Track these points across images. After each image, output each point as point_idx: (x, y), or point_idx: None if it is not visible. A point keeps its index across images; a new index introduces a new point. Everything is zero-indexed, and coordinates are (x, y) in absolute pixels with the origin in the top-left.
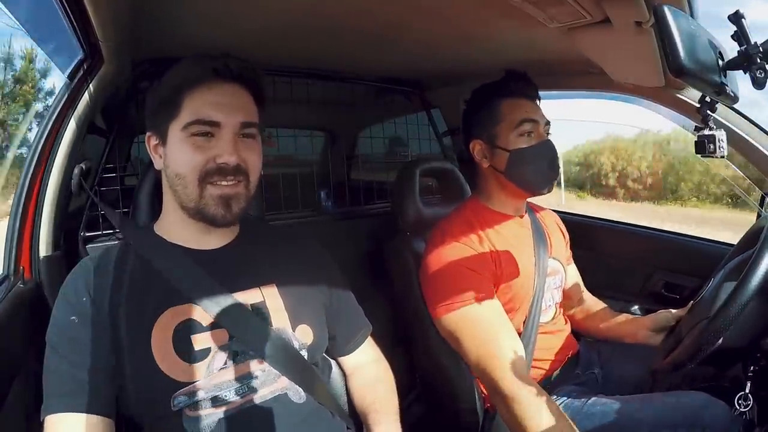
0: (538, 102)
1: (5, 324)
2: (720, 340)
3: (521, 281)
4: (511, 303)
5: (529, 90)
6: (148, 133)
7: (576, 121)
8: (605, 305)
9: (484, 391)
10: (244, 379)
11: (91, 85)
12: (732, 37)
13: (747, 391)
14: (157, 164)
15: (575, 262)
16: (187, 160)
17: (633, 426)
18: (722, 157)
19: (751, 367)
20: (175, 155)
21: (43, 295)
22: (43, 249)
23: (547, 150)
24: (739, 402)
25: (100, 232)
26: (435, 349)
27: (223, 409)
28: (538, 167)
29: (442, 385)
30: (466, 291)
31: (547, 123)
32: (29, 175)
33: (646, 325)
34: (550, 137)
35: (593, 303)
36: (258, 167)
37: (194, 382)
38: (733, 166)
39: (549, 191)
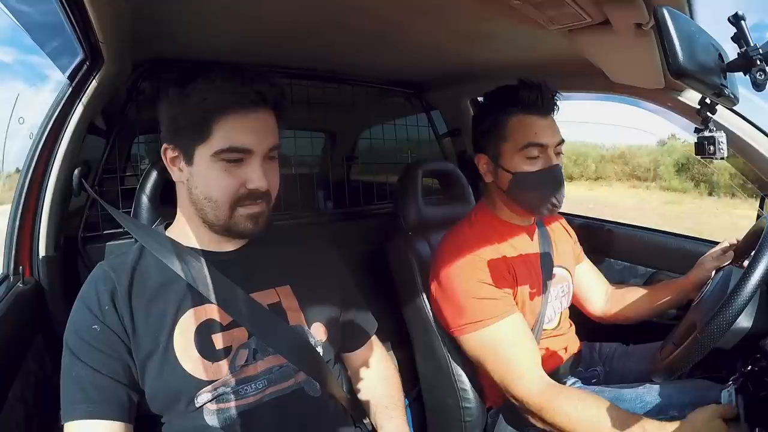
0: (554, 113)
1: (5, 324)
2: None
3: (529, 292)
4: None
5: (542, 104)
6: (165, 145)
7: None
8: (637, 288)
9: (486, 390)
10: (264, 375)
11: (91, 86)
12: (732, 38)
13: (736, 386)
14: (176, 177)
15: None
16: (219, 185)
17: (642, 407)
18: (722, 158)
19: (749, 367)
20: (205, 180)
21: (42, 295)
22: (43, 249)
23: (553, 176)
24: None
25: (100, 233)
26: (437, 348)
27: (243, 402)
28: (541, 193)
29: (444, 384)
30: (486, 309)
31: (560, 142)
32: (29, 176)
33: (692, 283)
34: (561, 157)
35: (623, 292)
36: (278, 185)
37: (217, 380)
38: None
39: (552, 214)
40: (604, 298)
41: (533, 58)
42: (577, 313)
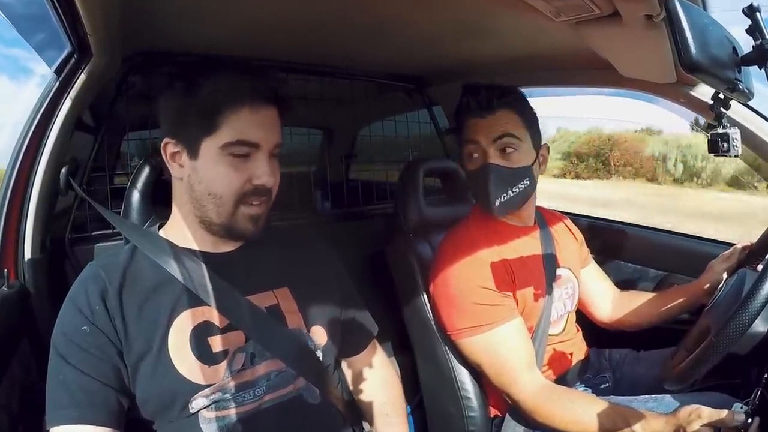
0: (497, 111)
1: None
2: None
3: (531, 294)
4: (522, 314)
5: (476, 106)
6: (166, 140)
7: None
8: (645, 293)
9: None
10: (262, 380)
11: (79, 81)
12: (747, 31)
13: (754, 398)
14: (176, 173)
15: None
16: (225, 181)
17: None
18: (736, 155)
19: (766, 375)
20: (211, 174)
21: (28, 299)
22: (28, 251)
23: (484, 175)
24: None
25: (88, 234)
26: (439, 354)
27: (240, 409)
28: (483, 191)
29: (446, 392)
30: (485, 314)
31: (499, 137)
32: (14, 175)
33: (703, 288)
34: (513, 152)
35: (631, 297)
36: (278, 184)
37: (213, 385)
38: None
39: (503, 215)
40: (611, 303)
41: (538, 52)
42: (585, 318)
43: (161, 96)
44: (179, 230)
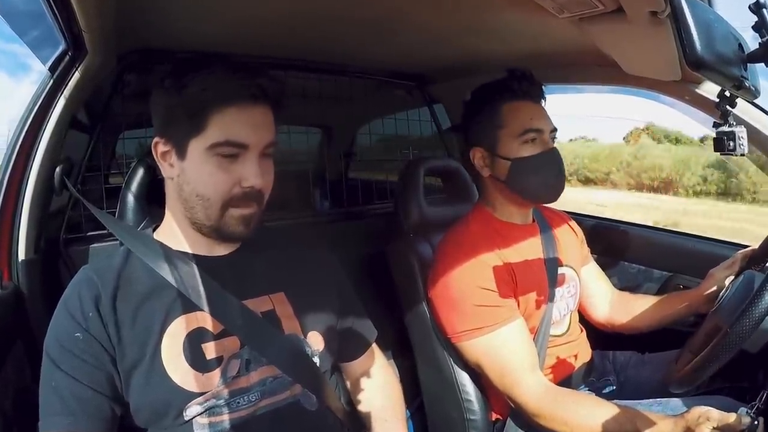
0: (543, 103)
1: None
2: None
3: (533, 294)
4: (523, 315)
5: (533, 91)
6: (156, 139)
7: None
8: (644, 296)
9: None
10: (257, 387)
11: (73, 78)
12: (753, 27)
13: (760, 401)
14: (166, 173)
15: None
16: (212, 182)
17: None
18: (742, 154)
19: None
20: (198, 175)
21: (22, 301)
22: (22, 252)
23: (552, 159)
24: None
25: (83, 234)
26: (440, 357)
27: (235, 416)
28: (542, 177)
29: (448, 396)
30: (486, 316)
31: (553, 130)
32: (7, 174)
33: (703, 295)
34: (556, 143)
35: (629, 300)
36: (271, 185)
37: (207, 392)
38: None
39: (554, 201)
40: (609, 304)
41: (541, 49)
42: (588, 320)
43: (152, 93)
44: (172, 232)
